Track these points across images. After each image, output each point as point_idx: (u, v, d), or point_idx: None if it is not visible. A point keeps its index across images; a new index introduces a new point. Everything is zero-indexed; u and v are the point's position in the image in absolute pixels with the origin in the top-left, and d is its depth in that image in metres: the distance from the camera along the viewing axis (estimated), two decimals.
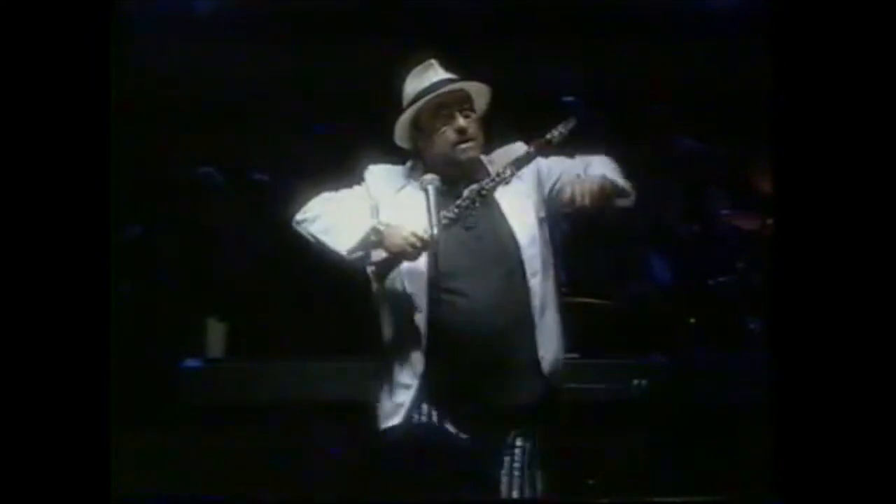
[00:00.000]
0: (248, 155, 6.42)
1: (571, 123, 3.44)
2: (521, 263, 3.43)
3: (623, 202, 3.49)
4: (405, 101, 3.57)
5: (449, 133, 3.48)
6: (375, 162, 3.60)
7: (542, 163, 3.54)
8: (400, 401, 3.41)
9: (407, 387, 3.40)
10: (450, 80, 3.53)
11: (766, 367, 2.97)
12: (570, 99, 5.94)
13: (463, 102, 3.51)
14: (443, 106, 3.50)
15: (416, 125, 3.53)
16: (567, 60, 6.21)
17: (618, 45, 6.12)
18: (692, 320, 5.50)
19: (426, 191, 3.35)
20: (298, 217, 3.48)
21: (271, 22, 6.28)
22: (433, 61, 3.56)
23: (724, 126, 6.07)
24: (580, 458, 4.69)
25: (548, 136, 3.44)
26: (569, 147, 3.55)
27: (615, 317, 5.55)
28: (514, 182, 3.47)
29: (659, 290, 5.91)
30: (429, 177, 3.39)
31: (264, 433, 5.13)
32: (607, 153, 3.58)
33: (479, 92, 3.59)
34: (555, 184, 3.54)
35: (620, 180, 3.48)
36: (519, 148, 3.56)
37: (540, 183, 3.55)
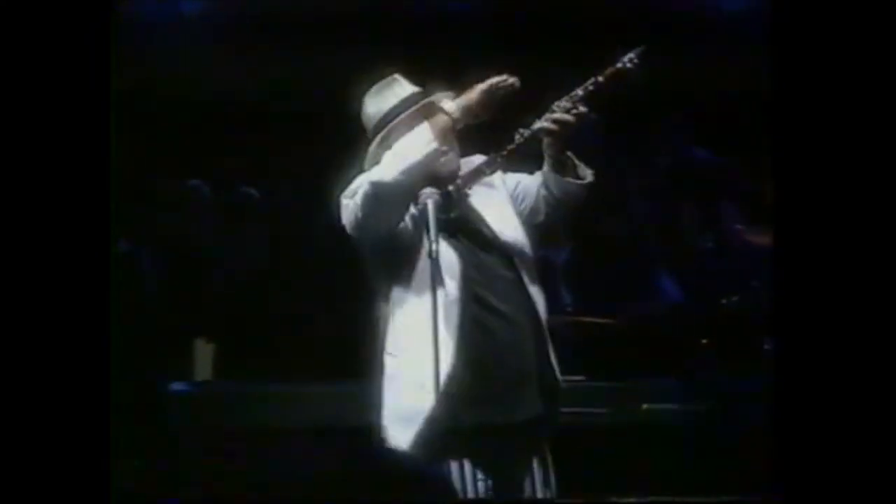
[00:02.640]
0: (237, 167, 6.39)
1: (641, 49, 3.32)
2: (519, 273, 3.43)
3: (573, 185, 3.41)
4: (370, 123, 3.48)
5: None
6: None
7: (507, 176, 3.52)
8: (417, 418, 3.33)
9: (422, 406, 3.32)
10: (417, 95, 3.46)
11: (769, 381, 3.03)
12: None
13: (434, 115, 3.41)
14: (415, 123, 3.40)
15: (386, 146, 3.43)
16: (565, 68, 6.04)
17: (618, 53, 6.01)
18: (704, 341, 5.44)
19: (425, 204, 3.29)
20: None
21: (258, 33, 6.29)
22: (396, 76, 3.48)
23: (733, 138, 6.08)
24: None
25: (618, 64, 3.32)
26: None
27: (622, 337, 5.50)
28: (490, 191, 3.47)
29: (668, 309, 5.83)
30: (427, 190, 3.31)
31: (256, 459, 5.03)
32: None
33: (443, 98, 3.49)
34: (516, 188, 3.52)
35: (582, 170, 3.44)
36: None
37: (505, 189, 3.54)
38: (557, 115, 3.32)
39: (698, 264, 5.97)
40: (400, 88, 3.48)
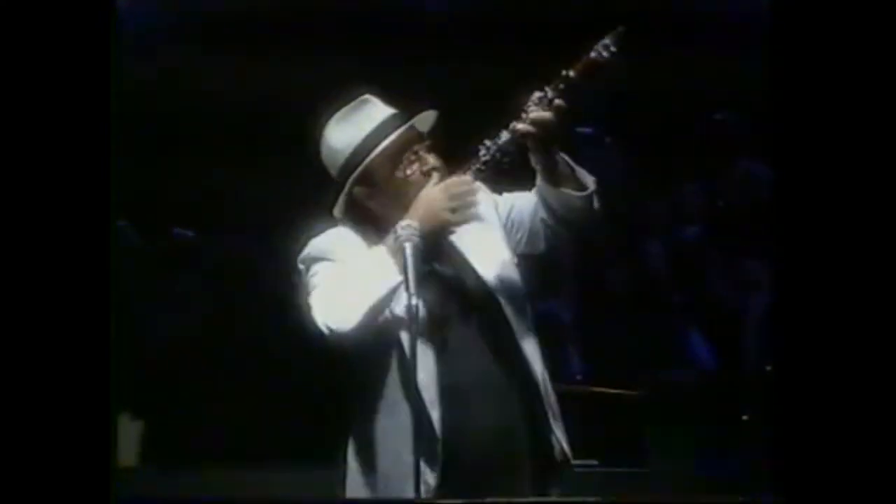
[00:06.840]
0: (170, 206, 6.15)
1: (617, 33, 3.04)
2: (508, 324, 3.19)
3: (573, 195, 3.16)
4: (338, 159, 3.22)
5: (419, 176, 3.19)
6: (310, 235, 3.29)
7: (500, 199, 3.34)
8: None
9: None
10: (397, 117, 3.23)
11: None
12: (587, 130, 5.78)
13: (420, 139, 3.26)
14: (404, 149, 3.19)
15: (364, 181, 3.21)
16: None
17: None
18: (745, 417, 5.19)
19: (403, 248, 3.01)
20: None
21: (211, 61, 6.08)
22: (368, 97, 3.26)
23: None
24: None
25: (592, 53, 3.05)
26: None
27: (643, 412, 5.27)
28: (481, 227, 3.28)
29: (700, 376, 5.65)
30: (405, 233, 3.03)
31: None
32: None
33: (426, 118, 3.30)
34: (509, 216, 3.31)
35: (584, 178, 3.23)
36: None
37: (499, 218, 3.32)
38: (534, 115, 3.07)
39: (734, 322, 5.78)
40: (375, 110, 3.24)
